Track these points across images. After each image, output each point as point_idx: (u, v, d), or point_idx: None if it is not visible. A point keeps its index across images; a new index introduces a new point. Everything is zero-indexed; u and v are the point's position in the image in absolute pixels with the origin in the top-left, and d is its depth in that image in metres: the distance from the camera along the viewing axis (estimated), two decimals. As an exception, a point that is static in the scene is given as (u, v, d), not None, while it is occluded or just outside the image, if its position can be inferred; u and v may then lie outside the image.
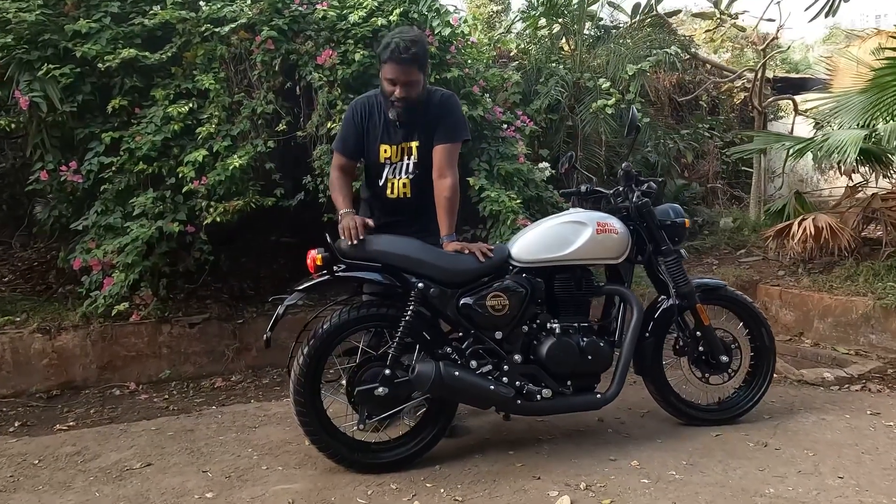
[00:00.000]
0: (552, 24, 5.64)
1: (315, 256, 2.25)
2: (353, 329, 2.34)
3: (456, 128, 2.51)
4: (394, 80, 2.36)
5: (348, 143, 2.54)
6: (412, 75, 2.36)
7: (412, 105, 2.41)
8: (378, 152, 2.53)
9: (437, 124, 2.47)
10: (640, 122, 2.45)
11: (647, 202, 2.56)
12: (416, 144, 2.50)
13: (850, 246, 4.61)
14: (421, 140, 2.50)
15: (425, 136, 2.50)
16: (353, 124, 2.53)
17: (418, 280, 2.30)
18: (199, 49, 3.59)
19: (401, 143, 2.51)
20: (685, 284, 2.58)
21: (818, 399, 3.08)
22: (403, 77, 2.34)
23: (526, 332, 2.43)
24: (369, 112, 2.52)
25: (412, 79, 2.36)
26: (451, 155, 2.49)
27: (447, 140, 2.47)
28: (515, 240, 2.50)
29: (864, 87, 4.71)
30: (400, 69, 2.33)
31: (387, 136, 2.51)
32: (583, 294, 2.50)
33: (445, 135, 2.47)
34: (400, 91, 2.36)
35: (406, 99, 2.38)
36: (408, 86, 2.36)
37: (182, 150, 3.57)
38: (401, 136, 2.51)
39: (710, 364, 2.66)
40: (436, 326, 2.40)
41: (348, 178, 2.60)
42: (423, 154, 2.51)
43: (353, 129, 2.53)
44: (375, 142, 2.53)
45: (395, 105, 2.39)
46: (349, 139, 2.54)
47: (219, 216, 3.49)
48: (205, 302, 4.17)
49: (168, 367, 3.84)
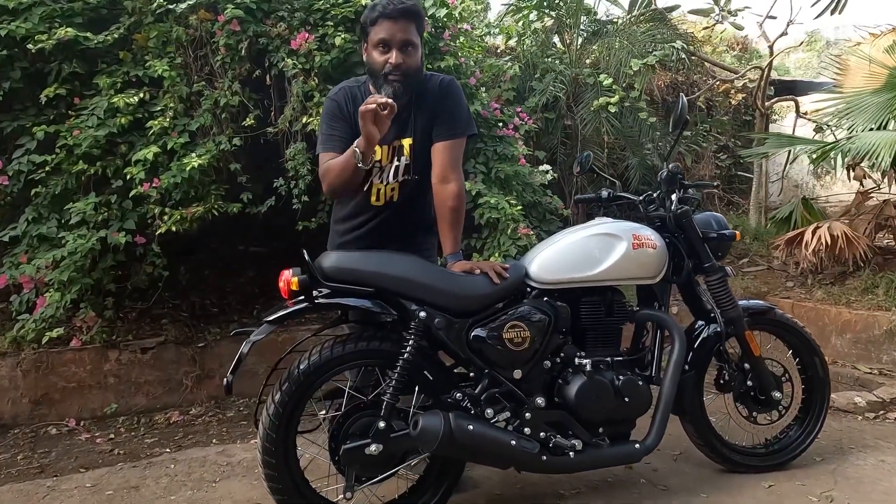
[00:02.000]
0: (543, 16, 5.25)
1: (289, 279, 1.78)
2: (339, 368, 1.88)
3: (460, 120, 2.00)
4: (388, 41, 1.84)
5: (336, 135, 1.95)
6: (410, 34, 1.86)
7: (412, 79, 1.89)
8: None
9: (437, 116, 1.98)
10: (688, 114, 2.04)
11: (687, 210, 2.16)
12: (410, 142, 1.99)
13: (867, 256, 4.32)
14: (416, 136, 1.99)
15: (421, 130, 1.99)
16: (342, 116, 1.96)
17: (420, 308, 1.85)
18: (152, 30, 3.08)
19: (391, 141, 1.98)
20: (732, 308, 2.18)
21: (866, 433, 2.73)
22: (401, 35, 1.84)
23: (549, 368, 1.99)
24: (353, 102, 1.96)
25: (410, 39, 1.86)
26: (455, 154, 1.99)
27: (451, 135, 1.97)
28: (533, 256, 2.07)
29: (878, 87, 4.44)
30: (396, 26, 1.83)
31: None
32: (615, 321, 2.08)
33: (448, 128, 1.97)
34: (396, 56, 1.84)
35: (404, 68, 1.85)
36: (406, 49, 1.85)
37: (131, 148, 3.05)
38: (393, 133, 1.96)
39: (758, 401, 2.26)
40: (441, 364, 1.95)
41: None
42: (418, 153, 2.00)
43: (344, 122, 1.96)
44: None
45: (391, 79, 1.84)
46: (336, 130, 1.96)
47: (174, 225, 2.99)
48: (160, 322, 3.64)
49: (115, 400, 3.31)
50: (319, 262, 1.86)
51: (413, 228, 2.16)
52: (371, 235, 2.08)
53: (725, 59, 7.78)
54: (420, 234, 2.19)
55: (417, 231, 2.18)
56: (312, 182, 3.04)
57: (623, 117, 4.52)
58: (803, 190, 6.90)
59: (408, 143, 2.01)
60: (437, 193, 2.00)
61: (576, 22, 4.99)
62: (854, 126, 4.48)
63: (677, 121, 2.04)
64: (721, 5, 5.52)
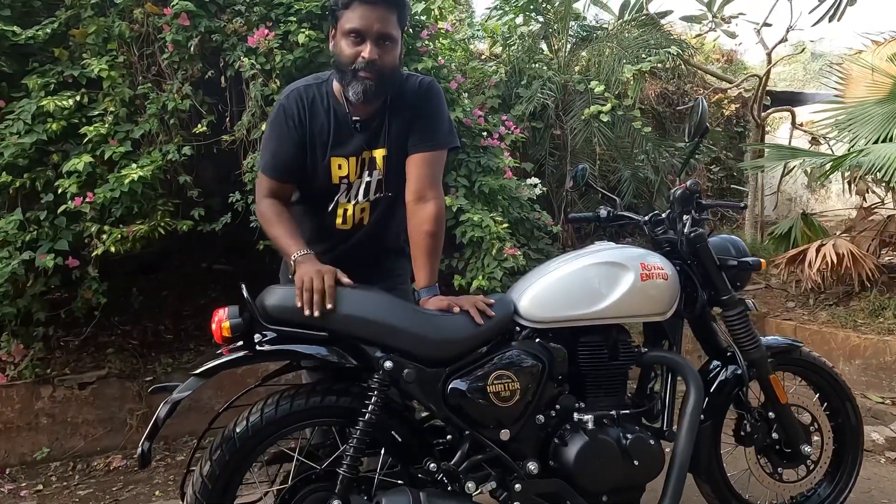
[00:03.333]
0: (529, 21, 4.97)
1: (223, 324, 1.43)
2: (285, 431, 1.52)
3: (441, 129, 1.68)
4: (362, 31, 1.50)
5: (283, 158, 1.63)
6: (389, 26, 1.52)
7: (387, 80, 1.56)
8: (329, 171, 1.65)
9: (414, 122, 1.66)
10: (708, 121, 1.73)
11: (702, 234, 1.84)
12: (383, 153, 1.67)
13: (873, 276, 4.06)
14: (390, 146, 1.67)
15: (396, 139, 1.66)
16: (289, 128, 1.62)
17: (385, 356, 1.50)
18: (91, 25, 2.71)
19: (360, 152, 1.65)
20: (755, 347, 1.87)
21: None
22: (378, 26, 1.50)
23: (542, 424, 1.66)
24: (311, 108, 1.63)
25: (389, 31, 1.52)
26: (435, 168, 1.67)
27: (430, 146, 1.65)
28: (523, 289, 1.73)
29: (882, 97, 4.21)
30: (373, 14, 1.50)
31: (340, 145, 1.64)
32: (619, 365, 1.74)
33: (428, 138, 1.65)
34: (371, 50, 1.50)
35: (378, 66, 1.52)
36: (383, 43, 1.52)
37: (65, 158, 2.68)
38: (361, 142, 1.65)
39: (784, 455, 1.94)
40: (411, 423, 1.61)
41: (285, 202, 1.69)
42: (393, 166, 1.68)
43: (290, 136, 1.62)
44: (324, 154, 1.64)
45: (362, 75, 1.52)
46: (284, 152, 1.63)
47: (113, 245, 2.62)
48: (104, 353, 3.25)
49: (47, 444, 2.92)
50: (262, 300, 1.51)
51: (383, 254, 1.84)
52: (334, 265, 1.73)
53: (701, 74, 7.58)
54: (390, 259, 1.87)
55: (388, 255, 1.86)
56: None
57: (615, 127, 4.23)
58: (797, 204, 6.68)
59: (381, 155, 1.67)
60: (411, 214, 1.66)
61: (564, 27, 4.71)
62: (857, 138, 4.25)
63: (697, 127, 1.73)
64: (714, 12, 5.28)
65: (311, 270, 1.47)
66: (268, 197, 1.67)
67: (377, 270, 1.79)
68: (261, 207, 1.66)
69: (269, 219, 1.64)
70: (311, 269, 1.48)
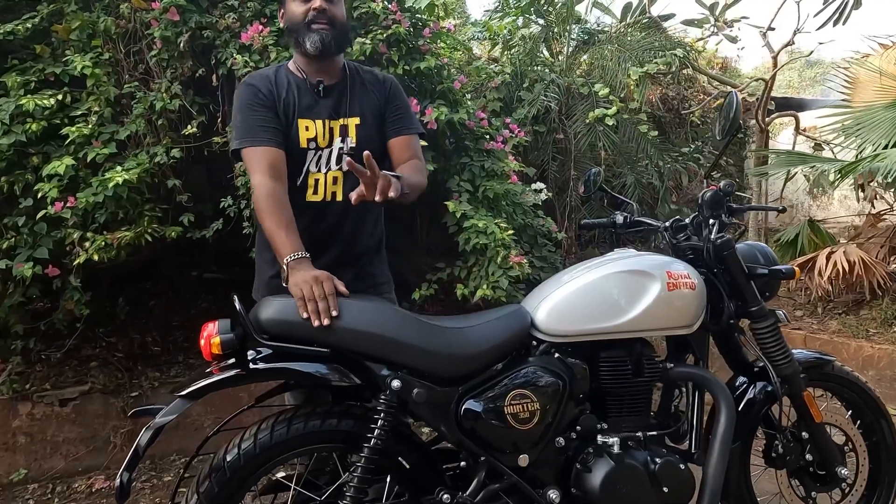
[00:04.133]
0: (529, 23, 4.87)
1: (213, 339, 1.29)
2: (281, 458, 1.38)
3: (413, 115, 1.80)
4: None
5: (263, 125, 1.56)
6: None
7: (339, 31, 1.62)
8: (297, 134, 1.61)
9: (389, 108, 1.71)
10: (741, 119, 1.62)
11: (729, 240, 1.71)
12: (357, 122, 1.65)
13: (884, 284, 3.96)
14: (365, 116, 1.66)
15: (370, 113, 1.68)
16: (260, 98, 1.59)
17: (393, 374, 1.36)
18: (75, 20, 2.57)
19: (330, 117, 1.63)
20: (788, 363, 1.74)
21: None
22: None
23: (563, 447, 1.52)
24: (276, 81, 1.64)
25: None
26: (418, 146, 1.75)
27: (412, 129, 1.74)
28: (539, 300, 1.60)
29: (891, 101, 4.12)
30: None
31: (307, 108, 1.62)
32: (644, 382, 1.61)
33: (409, 122, 1.73)
34: (320, 2, 1.58)
35: (329, 14, 1.59)
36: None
37: (46, 160, 2.52)
38: (327, 107, 1.63)
39: (818, 477, 1.81)
40: (421, 447, 1.46)
41: (284, 187, 1.55)
42: (365, 138, 1.65)
43: (262, 104, 1.59)
44: (292, 118, 1.61)
45: (315, 27, 1.58)
46: (263, 120, 1.57)
47: (97, 253, 2.46)
48: (87, 367, 3.08)
49: (25, 464, 2.75)
50: (256, 313, 1.37)
51: (364, 248, 1.73)
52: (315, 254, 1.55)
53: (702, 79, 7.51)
54: (372, 263, 1.77)
55: (368, 254, 1.75)
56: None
57: (619, 131, 4.12)
58: (799, 210, 6.59)
59: (354, 123, 1.65)
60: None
61: (565, 30, 4.60)
62: (865, 143, 4.16)
63: (730, 125, 1.60)
64: (716, 16, 5.19)
65: (308, 277, 1.36)
66: (264, 174, 1.53)
67: (360, 276, 1.69)
68: (257, 192, 1.52)
69: (265, 208, 1.50)
70: (308, 276, 1.36)
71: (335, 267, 1.58)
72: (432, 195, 3.05)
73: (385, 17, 2.73)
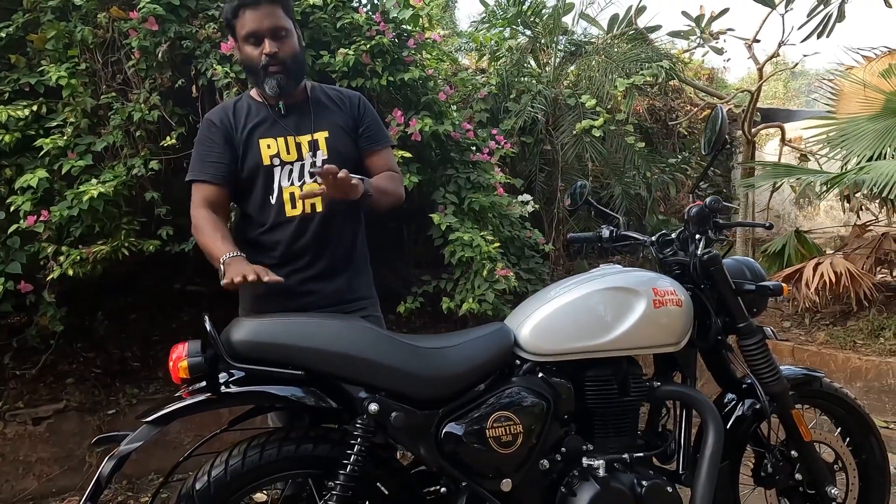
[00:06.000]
0: (516, 34, 4.86)
1: (180, 363, 1.23)
2: (255, 484, 1.32)
3: (384, 128, 1.85)
4: (256, 31, 1.60)
5: (210, 161, 1.63)
6: (278, 19, 1.61)
7: (293, 67, 1.63)
8: (258, 150, 1.64)
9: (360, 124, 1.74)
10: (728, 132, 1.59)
11: (716, 255, 1.68)
12: (326, 135, 1.68)
13: (871, 295, 3.96)
14: (334, 130, 1.70)
15: (338, 126, 1.71)
16: (213, 132, 1.65)
17: (371, 396, 1.32)
18: (51, 30, 2.51)
19: (291, 135, 1.66)
20: (776, 380, 1.71)
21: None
22: (268, 21, 1.59)
23: (547, 470, 1.48)
24: (234, 112, 1.69)
25: (280, 24, 1.61)
26: (393, 159, 1.83)
27: (385, 142, 1.80)
28: (523, 318, 1.56)
29: (875, 113, 4.15)
30: (260, 13, 1.59)
31: (267, 127, 1.67)
32: (630, 402, 1.57)
33: (382, 137, 1.79)
34: (270, 45, 1.59)
35: (281, 56, 1.60)
36: (277, 35, 1.60)
37: (19, 172, 2.46)
38: (291, 125, 1.67)
39: (807, 497, 1.78)
40: (399, 471, 1.41)
41: (222, 214, 1.65)
42: (337, 149, 1.68)
43: (216, 137, 1.65)
44: (251, 139, 1.64)
45: (270, 70, 1.60)
46: (211, 155, 1.63)
47: (71, 268, 2.39)
48: (63, 383, 3.00)
49: (-5, 486, 2.65)
50: (228, 334, 1.31)
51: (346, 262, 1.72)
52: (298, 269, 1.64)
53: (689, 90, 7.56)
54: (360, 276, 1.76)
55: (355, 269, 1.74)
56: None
57: (606, 142, 4.11)
58: (785, 221, 6.63)
59: (323, 137, 1.68)
60: None
61: (552, 41, 4.60)
62: (849, 154, 4.18)
63: (716, 139, 1.58)
64: (702, 28, 5.22)
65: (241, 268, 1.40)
66: (202, 207, 1.61)
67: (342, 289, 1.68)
68: (194, 220, 1.60)
69: (199, 227, 1.59)
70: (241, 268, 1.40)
71: (318, 280, 1.64)
72: (418, 207, 3.02)
73: (369, 27, 2.70)
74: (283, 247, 1.64)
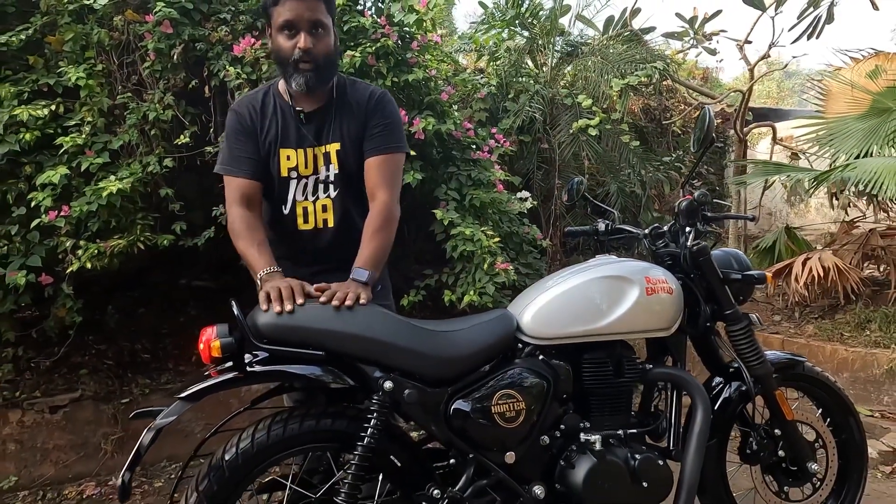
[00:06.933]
0: (514, 36, 4.97)
1: (212, 343, 1.34)
2: (277, 457, 1.43)
3: (396, 135, 1.72)
4: (294, 22, 1.57)
5: (243, 156, 1.65)
6: (319, 13, 1.59)
7: (325, 67, 1.61)
8: (278, 161, 1.67)
9: (368, 127, 1.69)
10: (715, 131, 1.70)
11: (705, 247, 1.80)
12: (337, 147, 1.68)
13: (858, 289, 4.09)
14: (344, 142, 1.68)
15: (350, 137, 1.68)
16: (243, 127, 1.67)
17: (385, 376, 1.43)
18: (68, 32, 2.61)
19: (311, 145, 1.67)
20: (760, 364, 1.83)
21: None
22: (308, 14, 1.57)
23: (547, 445, 1.59)
24: (261, 109, 1.69)
25: (319, 19, 1.58)
26: (388, 169, 1.68)
27: (385, 149, 1.68)
28: (524, 304, 1.67)
29: (862, 113, 4.28)
30: (302, 4, 1.56)
31: (287, 137, 1.67)
32: (625, 382, 1.69)
33: (383, 141, 1.68)
34: (305, 40, 1.56)
35: (314, 53, 1.58)
36: (315, 31, 1.58)
37: (39, 169, 2.56)
38: (308, 134, 1.67)
39: (790, 473, 1.90)
40: (411, 446, 1.53)
41: (257, 213, 1.67)
42: (347, 162, 1.69)
43: (245, 133, 1.66)
44: (274, 148, 1.67)
45: (301, 66, 1.58)
46: (243, 150, 1.65)
47: (89, 261, 2.49)
48: (77, 374, 3.09)
49: (15, 471, 2.77)
50: (253, 318, 1.42)
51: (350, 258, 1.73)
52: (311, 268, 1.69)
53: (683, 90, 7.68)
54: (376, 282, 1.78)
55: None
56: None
57: (602, 141, 4.23)
58: (777, 218, 6.76)
59: (334, 150, 1.68)
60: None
61: (549, 42, 4.71)
62: (838, 153, 4.31)
63: (704, 137, 1.70)
64: (695, 29, 5.34)
65: (277, 281, 1.44)
66: (238, 204, 1.64)
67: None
68: (231, 218, 1.63)
69: (237, 232, 1.62)
70: (280, 282, 1.43)
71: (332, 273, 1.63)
72: (420, 204, 3.13)
73: (374, 30, 2.80)
74: (296, 253, 1.70)
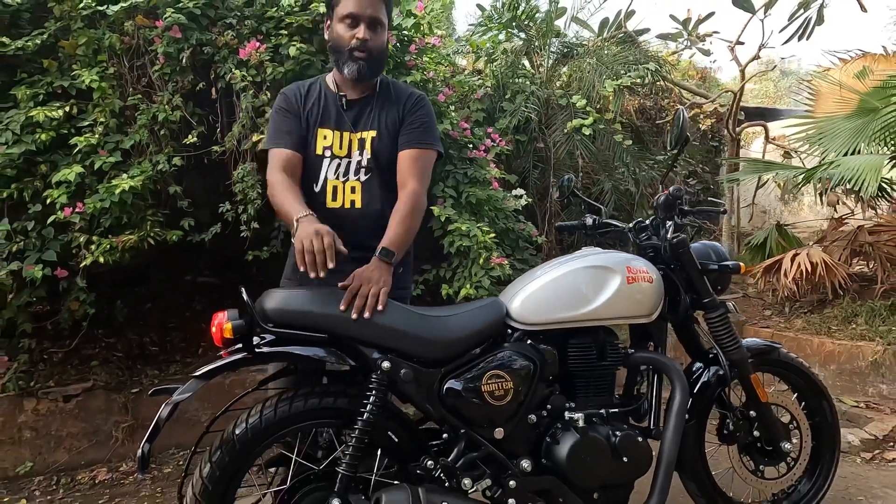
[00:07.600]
0: (511, 37, 5.09)
1: (223, 324, 1.46)
2: (284, 432, 1.55)
3: (431, 133, 1.83)
4: (357, 15, 1.72)
5: (288, 132, 1.77)
6: (379, 12, 1.75)
7: (376, 60, 1.77)
8: (315, 139, 1.79)
9: (406, 122, 1.81)
10: (689, 131, 1.82)
11: (684, 239, 1.92)
12: (373, 135, 1.79)
13: (845, 284, 4.20)
14: (381, 131, 1.79)
15: (387, 127, 1.80)
16: (290, 106, 1.80)
17: (383, 357, 1.54)
18: (81, 36, 2.73)
19: (349, 130, 1.78)
20: (736, 349, 1.94)
21: (871, 481, 2.52)
22: (370, 11, 1.73)
23: (534, 423, 1.71)
24: (307, 93, 1.83)
25: (379, 17, 1.75)
26: (419, 163, 1.78)
27: (419, 145, 1.79)
28: (514, 292, 1.79)
29: (850, 112, 4.39)
30: (365, 0, 1.72)
31: (328, 118, 1.79)
32: (607, 366, 1.80)
33: (418, 137, 1.79)
34: (364, 31, 1.72)
35: (370, 46, 1.73)
36: (374, 26, 1.74)
37: (53, 168, 2.68)
38: (347, 119, 1.78)
39: (765, 452, 2.01)
40: (408, 423, 1.64)
41: (295, 179, 1.75)
42: (381, 151, 1.79)
43: (291, 115, 1.79)
44: (313, 126, 1.79)
45: (356, 54, 1.72)
46: (286, 125, 1.78)
47: (102, 255, 2.61)
48: (88, 365, 3.22)
49: (30, 458, 2.89)
50: (261, 303, 1.54)
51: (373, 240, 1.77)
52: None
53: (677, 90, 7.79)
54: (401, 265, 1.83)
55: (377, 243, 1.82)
56: (263, 207, 2.72)
57: (596, 140, 4.35)
58: (771, 215, 6.88)
59: (370, 136, 1.79)
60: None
61: (545, 44, 4.83)
62: (826, 151, 4.42)
63: (678, 137, 1.81)
64: (689, 31, 5.46)
65: (310, 231, 1.48)
66: (279, 170, 1.73)
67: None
68: (270, 182, 1.73)
69: (274, 187, 1.69)
70: (310, 230, 1.49)
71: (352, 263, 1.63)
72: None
73: (374, 34, 2.91)
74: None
